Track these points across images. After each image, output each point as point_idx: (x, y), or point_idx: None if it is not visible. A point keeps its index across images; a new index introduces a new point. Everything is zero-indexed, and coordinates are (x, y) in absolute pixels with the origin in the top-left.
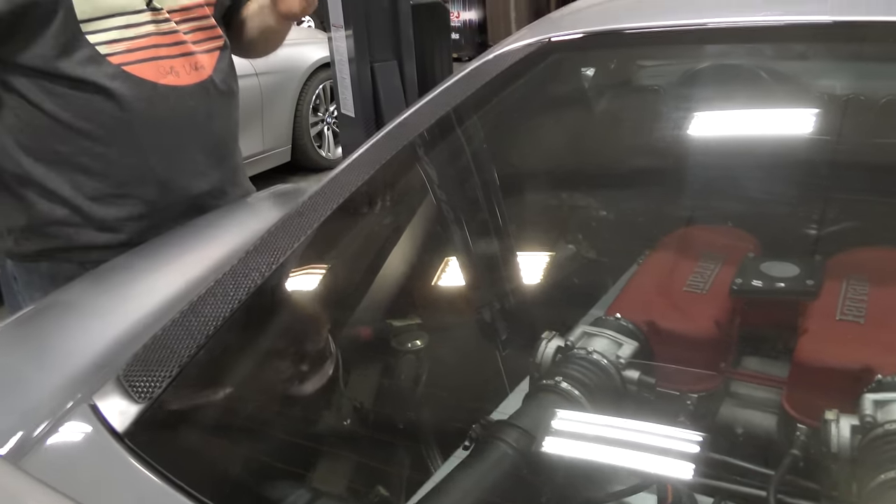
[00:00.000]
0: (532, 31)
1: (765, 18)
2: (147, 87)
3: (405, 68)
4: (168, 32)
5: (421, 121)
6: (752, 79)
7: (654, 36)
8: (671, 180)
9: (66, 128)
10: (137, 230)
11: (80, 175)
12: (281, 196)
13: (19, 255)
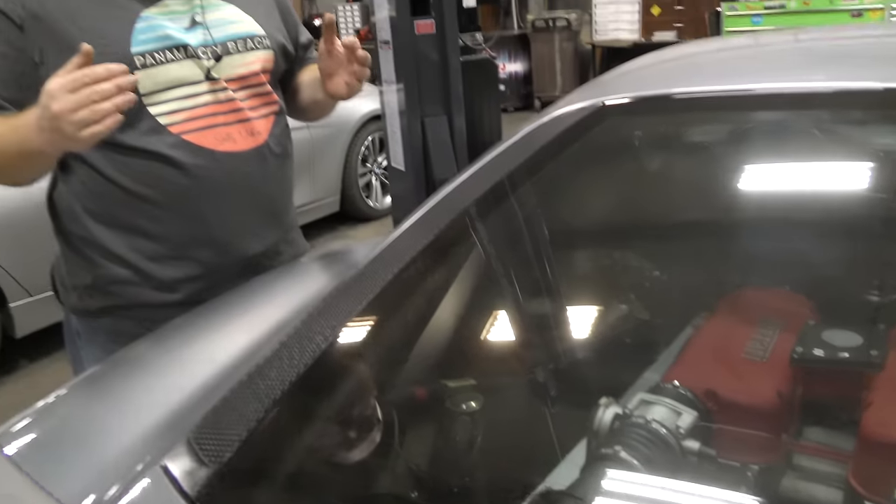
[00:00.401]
0: (584, 94)
1: (817, 85)
2: (205, 155)
3: (454, 122)
4: (225, 101)
5: (478, 183)
6: (807, 138)
7: (707, 101)
8: (725, 242)
9: (128, 194)
10: (194, 290)
11: (141, 238)
12: (333, 258)
13: (83, 311)
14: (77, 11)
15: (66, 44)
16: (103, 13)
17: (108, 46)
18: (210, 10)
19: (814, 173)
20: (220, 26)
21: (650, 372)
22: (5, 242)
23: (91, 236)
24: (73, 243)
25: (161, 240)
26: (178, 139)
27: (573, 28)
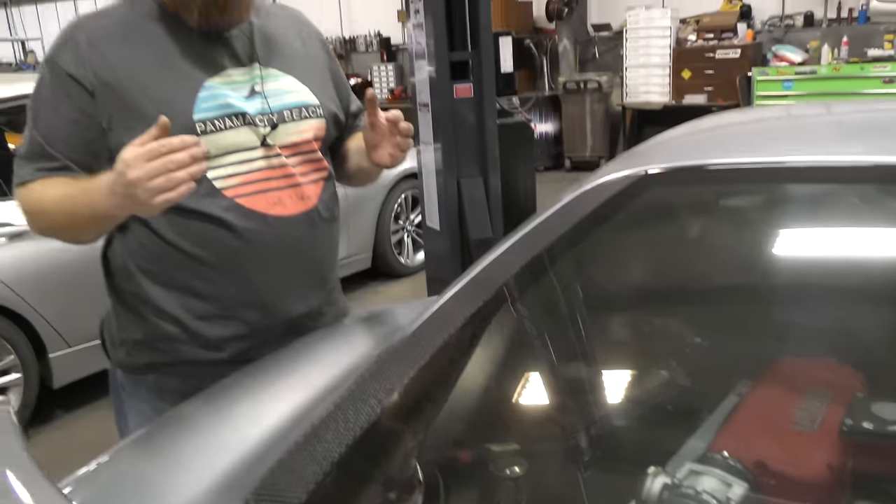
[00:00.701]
0: (623, 163)
1: (856, 158)
2: (257, 218)
3: (490, 183)
4: (278, 166)
5: (523, 250)
6: (847, 208)
7: (748, 173)
8: (767, 310)
9: (182, 254)
10: (240, 349)
11: (192, 297)
12: (376, 319)
13: (129, 366)
14: (146, 80)
15: (134, 111)
16: (170, 83)
17: (172, 114)
18: (269, 81)
19: (855, 243)
20: (278, 96)
21: (694, 440)
22: (47, 294)
23: (143, 293)
24: (124, 299)
25: (211, 299)
26: (231, 202)
27: (604, 90)
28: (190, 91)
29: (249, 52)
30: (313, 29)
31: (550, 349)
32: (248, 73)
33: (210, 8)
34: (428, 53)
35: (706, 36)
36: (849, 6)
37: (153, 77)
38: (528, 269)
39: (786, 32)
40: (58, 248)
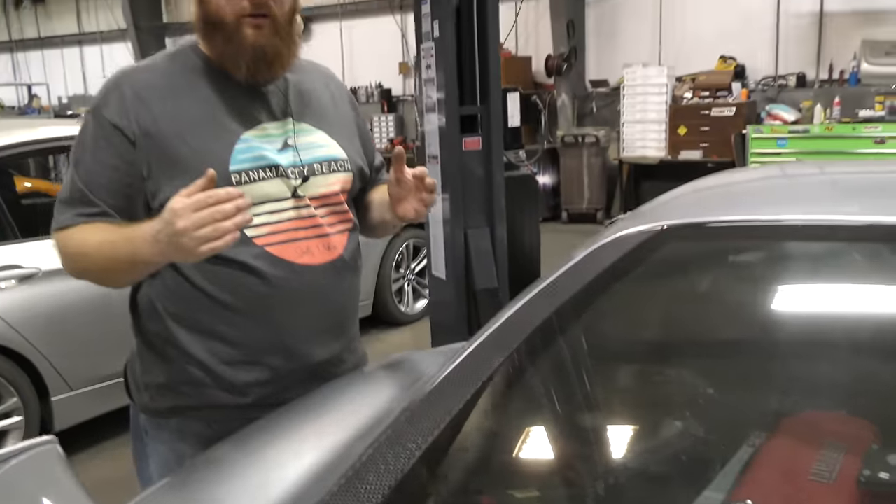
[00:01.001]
0: (639, 219)
1: (875, 218)
2: (285, 266)
3: (496, 234)
4: (307, 217)
5: (546, 302)
6: (861, 266)
7: (760, 230)
8: (780, 364)
9: (211, 299)
10: (263, 394)
11: (217, 341)
12: (398, 366)
13: (153, 410)
14: (187, 132)
15: (173, 160)
16: (209, 134)
17: (210, 164)
18: (301, 135)
19: (861, 299)
20: (309, 149)
21: (710, 491)
22: (52, 337)
23: (170, 337)
24: (151, 342)
25: (237, 345)
26: (261, 251)
27: (601, 144)
28: (228, 143)
29: (284, 106)
30: (342, 85)
31: (573, 400)
32: (281, 127)
33: (258, 64)
34: (438, 106)
35: (701, 94)
36: (840, 68)
37: (193, 129)
38: (553, 319)
39: (779, 92)
40: (64, 290)
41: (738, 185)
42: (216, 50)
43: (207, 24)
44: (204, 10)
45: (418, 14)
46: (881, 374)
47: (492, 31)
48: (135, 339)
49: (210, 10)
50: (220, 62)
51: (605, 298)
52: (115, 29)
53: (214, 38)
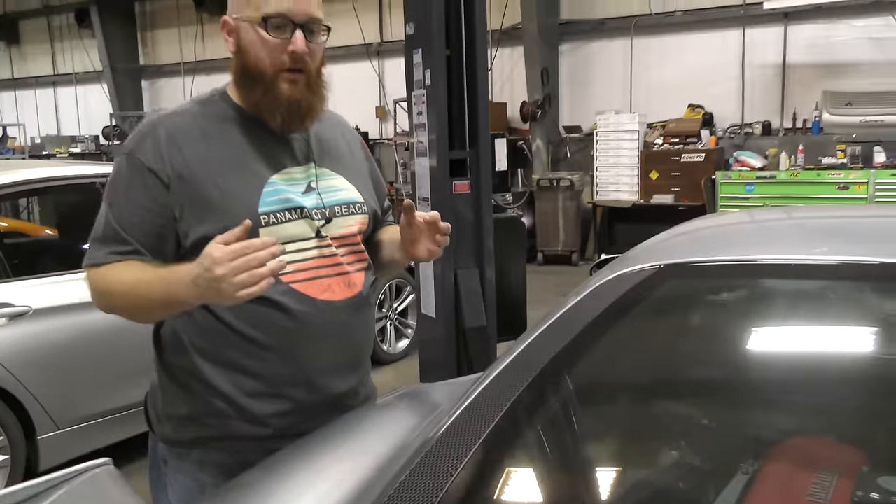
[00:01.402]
0: (634, 260)
1: (848, 258)
2: (309, 302)
3: (485, 274)
4: (329, 256)
5: (563, 332)
6: (850, 302)
7: (749, 269)
8: (771, 395)
9: (238, 335)
10: (284, 425)
11: (242, 375)
12: (412, 397)
13: (175, 440)
14: (217, 175)
15: (205, 203)
16: (239, 178)
17: (240, 206)
18: (323, 179)
19: (851, 335)
20: (330, 192)
21: None
22: (42, 376)
23: (195, 370)
24: (175, 375)
25: (262, 377)
26: (287, 287)
27: (576, 188)
28: (256, 186)
29: (307, 152)
30: (355, 133)
31: (571, 429)
32: (304, 172)
33: (293, 116)
34: (429, 151)
35: (672, 140)
36: (803, 117)
37: (224, 172)
38: (566, 352)
39: (746, 139)
40: (54, 329)
41: (719, 228)
42: (251, 99)
43: (246, 75)
44: (243, 62)
45: (409, 63)
46: (866, 402)
47: (481, 80)
48: (157, 371)
49: (250, 62)
50: (254, 111)
51: (613, 330)
52: (91, 70)
53: (251, 89)
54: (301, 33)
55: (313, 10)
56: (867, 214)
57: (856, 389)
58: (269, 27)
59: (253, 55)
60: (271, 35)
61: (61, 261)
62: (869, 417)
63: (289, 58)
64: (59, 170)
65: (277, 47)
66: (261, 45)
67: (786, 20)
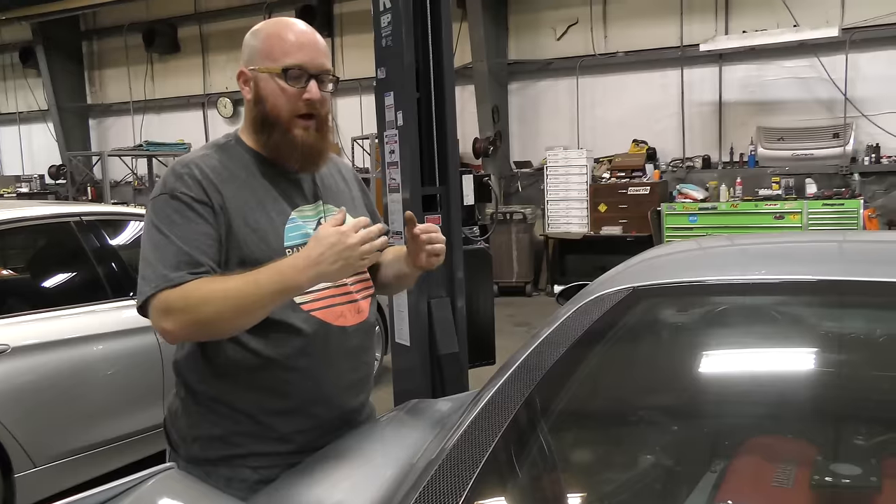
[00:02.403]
0: (609, 283)
1: (817, 277)
2: (325, 328)
3: (456, 303)
4: (340, 286)
5: (556, 347)
6: (810, 317)
7: (714, 288)
8: (738, 401)
9: (262, 359)
10: (305, 441)
11: (267, 396)
12: (419, 410)
13: (203, 459)
14: (246, 212)
15: (238, 237)
16: (265, 216)
17: (268, 241)
18: (330, 214)
19: (814, 347)
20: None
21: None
22: (21, 413)
23: (222, 394)
24: (201, 399)
25: (285, 397)
26: (307, 315)
27: (528, 221)
28: (281, 223)
29: (314, 190)
30: (350, 169)
31: (561, 441)
32: (314, 209)
33: (308, 159)
34: (402, 187)
35: (618, 174)
36: (740, 151)
37: (251, 210)
38: (565, 358)
39: (687, 173)
40: (32, 367)
41: (675, 255)
42: (267, 144)
43: (264, 121)
44: (261, 110)
45: (381, 104)
46: (817, 403)
47: (449, 120)
48: (179, 396)
49: (266, 111)
50: (271, 154)
51: (600, 343)
52: (35, 109)
53: (269, 134)
54: (315, 83)
55: (325, 62)
56: (805, 240)
57: (806, 392)
58: (287, 78)
59: (271, 102)
60: (289, 84)
61: (36, 299)
62: (820, 416)
63: (304, 104)
64: (28, 210)
65: (294, 95)
66: (279, 93)
67: (721, 61)
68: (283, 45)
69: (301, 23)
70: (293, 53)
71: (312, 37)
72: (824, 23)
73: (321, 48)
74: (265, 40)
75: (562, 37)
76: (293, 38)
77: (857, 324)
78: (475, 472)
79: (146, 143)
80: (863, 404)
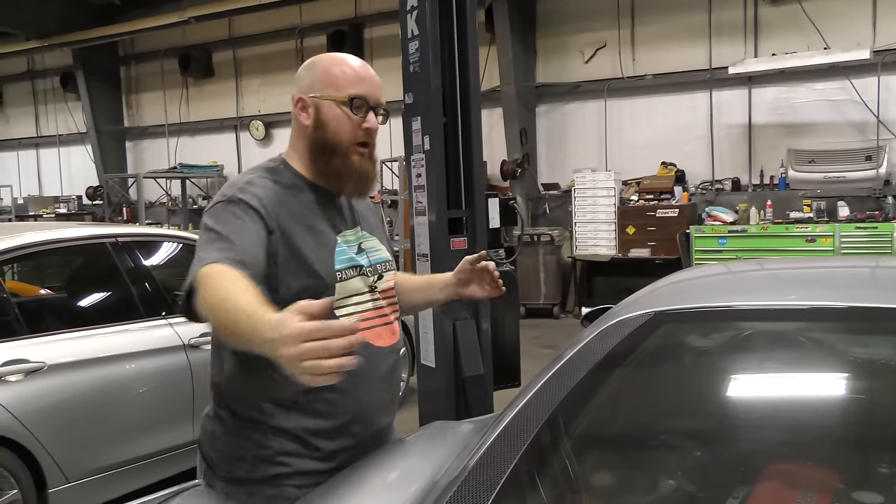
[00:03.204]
0: (631, 307)
1: (833, 303)
2: (367, 348)
3: (481, 325)
4: (378, 308)
5: (570, 377)
6: (829, 344)
7: (734, 313)
8: (760, 427)
9: None
10: (346, 458)
11: (311, 416)
12: (442, 431)
13: (249, 480)
14: (300, 235)
15: (298, 257)
16: (316, 239)
17: (322, 264)
18: (366, 240)
19: (837, 372)
20: (374, 252)
21: None
22: (55, 430)
23: (266, 416)
24: (243, 421)
25: (327, 417)
26: None
27: (556, 243)
28: (331, 247)
29: (352, 216)
30: (370, 198)
31: (599, 454)
32: (354, 234)
33: (362, 183)
34: (428, 210)
35: (646, 196)
36: (770, 174)
37: (303, 233)
38: (584, 383)
39: (717, 195)
40: (67, 384)
41: (701, 279)
42: (325, 169)
43: (323, 146)
44: (321, 135)
45: (408, 129)
46: (840, 431)
47: (475, 144)
48: (218, 418)
49: (327, 137)
50: (324, 180)
51: (620, 367)
52: (74, 132)
53: (328, 160)
54: (373, 114)
55: (381, 96)
56: (836, 265)
57: (828, 419)
58: (352, 106)
59: (334, 128)
60: (353, 113)
61: (72, 318)
62: (842, 444)
63: (363, 133)
64: (65, 232)
65: (356, 123)
66: (344, 120)
67: (750, 83)
68: (347, 77)
69: (357, 59)
70: (357, 84)
71: (371, 72)
72: (855, 45)
73: (378, 83)
74: (327, 70)
75: (590, 60)
76: (357, 71)
77: (883, 350)
78: (493, 493)
79: (180, 165)
80: (885, 431)
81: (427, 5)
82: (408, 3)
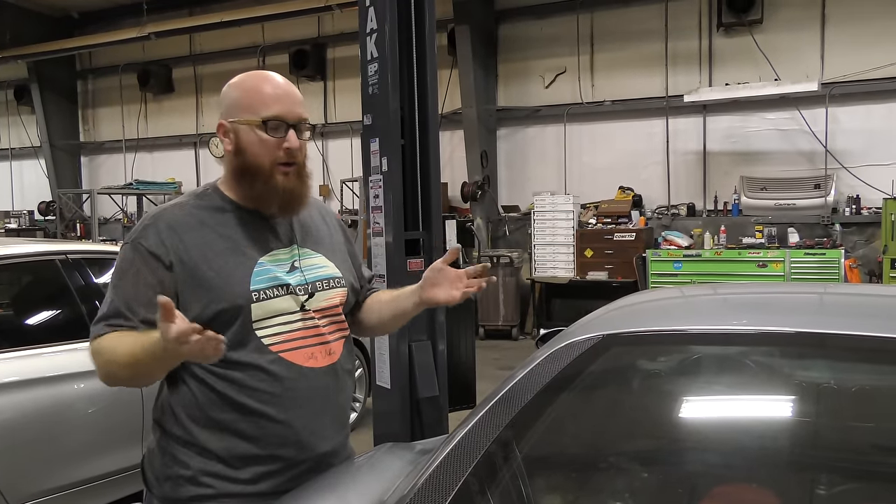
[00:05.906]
0: (582, 330)
1: (777, 329)
2: (295, 369)
3: (437, 347)
4: (312, 327)
5: (520, 399)
6: (770, 367)
7: (678, 337)
8: (701, 449)
9: (231, 402)
10: (274, 483)
11: (236, 438)
12: (393, 452)
13: (174, 499)
14: (213, 259)
15: (202, 283)
16: (233, 261)
17: (233, 285)
18: (304, 258)
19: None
20: (312, 270)
21: None
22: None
23: (191, 437)
24: (172, 440)
25: (254, 440)
26: (276, 356)
27: (515, 265)
28: (248, 268)
29: (290, 235)
30: (333, 214)
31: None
32: (289, 253)
33: (288, 203)
34: (385, 232)
35: (604, 220)
36: (724, 200)
37: (219, 256)
38: (536, 401)
39: (672, 220)
40: (14, 404)
41: (652, 302)
42: (247, 192)
43: (245, 170)
44: (241, 160)
45: (366, 150)
46: (785, 454)
47: (433, 166)
48: (154, 436)
49: (248, 161)
50: (252, 203)
51: (567, 390)
52: (28, 146)
53: (251, 183)
54: (293, 132)
55: (301, 111)
56: (784, 291)
57: (774, 442)
58: (267, 128)
59: (252, 153)
60: (269, 135)
61: (18, 337)
62: (786, 467)
63: (284, 153)
64: (13, 248)
65: (274, 145)
66: (259, 143)
67: (705, 112)
68: (262, 98)
69: (277, 75)
70: (272, 105)
71: (289, 88)
72: (804, 77)
73: (297, 98)
74: (244, 94)
75: (550, 85)
76: (270, 91)
77: (827, 375)
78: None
79: (136, 181)
80: (827, 454)
81: (387, 28)
82: (367, 26)
